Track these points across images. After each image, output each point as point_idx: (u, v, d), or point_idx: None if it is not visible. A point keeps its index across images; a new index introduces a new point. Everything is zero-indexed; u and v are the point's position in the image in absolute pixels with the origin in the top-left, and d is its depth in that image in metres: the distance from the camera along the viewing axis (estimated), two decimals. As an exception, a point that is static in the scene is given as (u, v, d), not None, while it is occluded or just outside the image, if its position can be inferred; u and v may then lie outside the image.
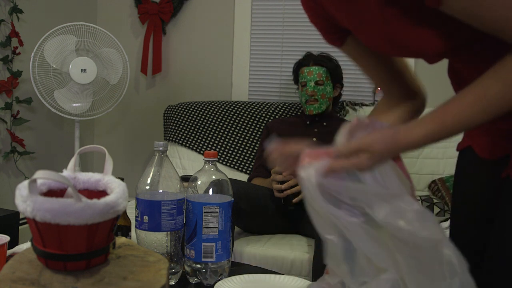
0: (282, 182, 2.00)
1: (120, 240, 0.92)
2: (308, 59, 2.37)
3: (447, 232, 1.06)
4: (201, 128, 2.78)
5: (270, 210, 2.09)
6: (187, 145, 2.78)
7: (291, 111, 2.70)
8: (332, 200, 0.86)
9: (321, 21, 1.03)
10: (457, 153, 1.12)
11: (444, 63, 0.98)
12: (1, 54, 2.68)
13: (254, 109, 2.74)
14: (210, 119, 2.77)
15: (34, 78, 2.51)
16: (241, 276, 1.28)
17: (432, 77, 2.73)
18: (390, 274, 0.80)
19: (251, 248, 1.95)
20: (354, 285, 0.84)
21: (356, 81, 2.82)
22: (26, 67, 2.64)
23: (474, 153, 1.03)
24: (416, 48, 0.87)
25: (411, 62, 2.73)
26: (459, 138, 1.10)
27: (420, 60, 0.96)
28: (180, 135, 2.81)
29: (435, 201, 2.27)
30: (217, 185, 1.28)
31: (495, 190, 0.95)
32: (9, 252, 1.16)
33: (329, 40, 1.06)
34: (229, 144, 2.71)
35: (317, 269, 1.68)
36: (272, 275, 1.30)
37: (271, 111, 2.72)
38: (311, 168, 0.88)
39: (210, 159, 1.28)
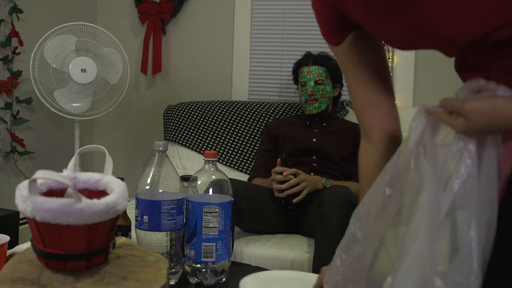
0: (282, 182, 2.00)
1: (120, 240, 0.92)
2: (308, 59, 2.38)
3: None
4: (201, 128, 2.78)
5: (270, 210, 2.09)
6: (187, 145, 2.78)
7: (291, 111, 2.70)
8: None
9: (328, 11, 0.98)
10: None
11: (444, 62, 0.97)
12: (1, 54, 2.68)
13: (254, 109, 2.74)
14: (210, 119, 2.77)
15: (34, 78, 2.51)
16: (266, 272, 1.30)
17: (432, 77, 2.74)
18: None
19: (251, 248, 1.95)
20: None
21: (356, 81, 2.81)
22: (26, 67, 2.64)
23: None
24: (448, 32, 0.82)
25: (411, 68, 2.73)
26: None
27: (420, 60, 0.94)
28: (180, 135, 2.81)
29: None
30: (217, 185, 1.28)
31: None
32: (9, 252, 1.16)
33: (330, 34, 1.01)
34: (229, 144, 2.71)
35: (317, 269, 1.68)
36: (301, 273, 1.34)
37: (271, 111, 2.72)
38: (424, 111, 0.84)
39: (210, 159, 1.29)
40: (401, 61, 2.74)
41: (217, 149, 2.71)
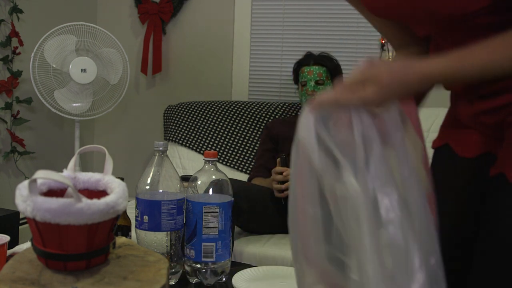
0: (282, 182, 2.00)
1: (120, 240, 0.92)
2: (309, 59, 2.37)
3: None
4: (201, 128, 2.78)
5: (270, 210, 2.09)
6: (187, 145, 2.78)
7: (291, 111, 2.70)
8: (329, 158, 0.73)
9: None
10: None
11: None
12: (1, 54, 2.68)
13: (254, 109, 2.74)
14: (210, 119, 2.77)
15: (34, 78, 2.51)
16: (260, 268, 1.31)
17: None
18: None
19: (251, 248, 1.95)
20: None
21: (356, 81, 2.82)
22: (26, 67, 2.64)
23: (451, 151, 1.00)
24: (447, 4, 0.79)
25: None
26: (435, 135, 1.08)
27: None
28: (180, 135, 2.81)
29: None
30: (217, 185, 1.28)
31: (479, 189, 0.93)
32: (9, 252, 1.16)
33: None
34: (229, 144, 2.71)
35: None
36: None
37: (271, 111, 2.72)
38: (309, 108, 0.75)
39: (210, 159, 1.29)
40: (401, 61, 2.74)
41: (217, 149, 2.71)
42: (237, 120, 2.73)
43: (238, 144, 2.70)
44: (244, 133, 2.71)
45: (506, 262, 0.84)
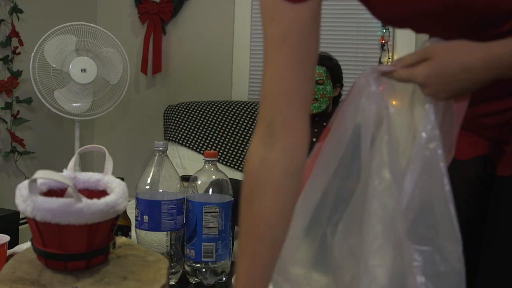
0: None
1: (120, 240, 0.92)
2: (308, 59, 2.37)
3: None
4: (201, 128, 2.78)
5: (270, 210, 2.08)
6: (187, 145, 2.79)
7: (291, 111, 2.70)
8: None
9: None
10: None
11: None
12: (1, 54, 2.68)
13: (254, 109, 2.74)
14: (210, 119, 2.77)
15: (34, 78, 2.51)
16: None
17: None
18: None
19: (251, 248, 1.94)
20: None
21: (356, 81, 2.82)
22: (26, 67, 2.64)
23: None
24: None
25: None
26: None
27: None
28: (180, 135, 2.81)
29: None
30: (217, 185, 1.28)
31: (476, 189, 0.92)
32: (9, 252, 1.16)
33: None
34: (229, 144, 2.71)
35: (317, 269, 1.68)
36: None
37: (271, 111, 2.72)
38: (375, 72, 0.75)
39: (210, 159, 1.29)
40: (401, 61, 2.74)
41: (217, 149, 2.71)
42: (237, 120, 2.73)
43: (238, 144, 2.70)
44: (244, 133, 2.71)
45: None
